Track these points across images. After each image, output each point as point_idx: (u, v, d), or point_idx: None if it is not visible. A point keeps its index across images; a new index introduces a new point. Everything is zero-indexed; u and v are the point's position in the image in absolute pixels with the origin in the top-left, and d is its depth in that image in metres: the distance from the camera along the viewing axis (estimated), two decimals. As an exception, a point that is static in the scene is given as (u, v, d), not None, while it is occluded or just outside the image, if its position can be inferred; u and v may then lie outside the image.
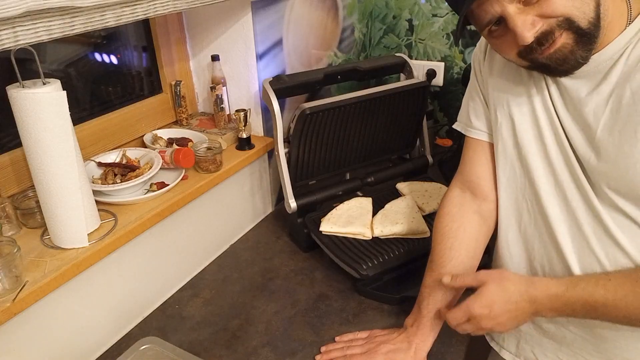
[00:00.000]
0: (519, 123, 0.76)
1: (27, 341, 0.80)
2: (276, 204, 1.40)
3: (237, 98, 1.28)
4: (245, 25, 1.16)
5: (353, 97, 1.15)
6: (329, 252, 1.09)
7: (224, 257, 1.20)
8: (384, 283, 1.05)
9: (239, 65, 1.23)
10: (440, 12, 1.62)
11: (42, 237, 0.87)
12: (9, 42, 0.61)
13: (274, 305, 1.04)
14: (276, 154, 1.15)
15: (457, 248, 0.85)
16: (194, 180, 1.07)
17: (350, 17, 1.58)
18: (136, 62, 1.20)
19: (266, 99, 1.12)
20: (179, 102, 1.25)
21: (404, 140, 1.36)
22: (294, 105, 1.35)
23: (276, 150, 1.14)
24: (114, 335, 0.96)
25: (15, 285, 0.76)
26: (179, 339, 0.96)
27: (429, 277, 0.88)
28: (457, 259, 0.85)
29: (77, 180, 0.81)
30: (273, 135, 1.14)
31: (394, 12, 1.69)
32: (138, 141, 1.18)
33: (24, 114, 0.74)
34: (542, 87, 0.73)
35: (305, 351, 0.92)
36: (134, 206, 0.97)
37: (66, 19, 0.67)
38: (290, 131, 1.14)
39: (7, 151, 0.93)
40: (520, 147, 0.77)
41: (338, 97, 1.15)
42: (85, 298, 0.89)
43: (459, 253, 0.85)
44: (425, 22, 1.65)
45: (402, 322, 0.98)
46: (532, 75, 0.74)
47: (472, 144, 0.88)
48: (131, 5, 0.76)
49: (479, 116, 0.86)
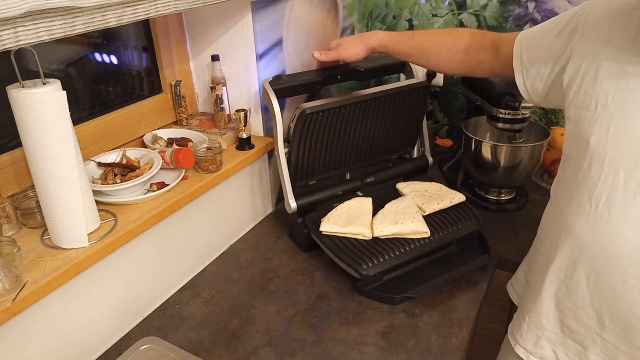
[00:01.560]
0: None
1: (27, 341, 0.80)
2: (276, 204, 1.40)
3: (237, 98, 1.28)
4: (245, 25, 1.16)
5: (353, 97, 1.15)
6: (329, 252, 1.09)
7: (224, 257, 1.20)
8: (384, 283, 1.05)
9: (239, 65, 1.23)
10: (440, 12, 1.62)
11: (42, 237, 0.87)
12: (10, 42, 0.61)
13: (274, 305, 1.04)
14: (276, 154, 1.15)
15: (446, 48, 0.99)
16: (194, 180, 1.07)
17: (350, 17, 1.58)
18: (136, 62, 1.20)
19: (266, 99, 1.12)
20: (179, 102, 1.25)
21: (404, 140, 1.36)
22: (294, 105, 1.35)
23: (276, 150, 1.14)
24: (114, 335, 0.96)
25: (15, 285, 0.76)
26: (179, 339, 0.96)
27: (418, 39, 1.02)
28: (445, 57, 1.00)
29: (77, 180, 0.81)
30: (273, 135, 1.14)
31: (394, 12, 1.69)
32: (138, 141, 1.18)
33: (24, 114, 0.74)
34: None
35: (305, 351, 0.92)
36: (134, 206, 0.97)
37: (67, 19, 0.67)
38: (290, 131, 1.14)
39: (7, 151, 0.93)
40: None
41: (338, 97, 1.15)
42: (85, 298, 0.89)
43: (452, 53, 0.98)
44: (425, 22, 1.65)
45: (401, 322, 0.98)
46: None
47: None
48: (132, 5, 0.76)
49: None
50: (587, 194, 0.73)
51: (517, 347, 0.90)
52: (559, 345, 0.84)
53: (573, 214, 0.76)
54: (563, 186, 0.80)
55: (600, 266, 0.73)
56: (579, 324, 0.79)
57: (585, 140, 0.72)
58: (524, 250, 1.04)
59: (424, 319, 0.99)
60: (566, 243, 0.78)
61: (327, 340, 0.94)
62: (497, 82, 1.29)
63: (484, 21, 1.56)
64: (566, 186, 0.78)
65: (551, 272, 0.81)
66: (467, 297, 1.04)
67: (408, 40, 1.03)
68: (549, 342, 0.85)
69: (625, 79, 0.67)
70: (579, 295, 0.77)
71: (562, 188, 0.81)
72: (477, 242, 1.19)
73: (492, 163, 1.30)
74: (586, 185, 0.73)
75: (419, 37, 1.02)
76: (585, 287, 0.76)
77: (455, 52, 0.98)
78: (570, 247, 0.77)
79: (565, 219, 0.78)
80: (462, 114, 1.72)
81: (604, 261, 0.73)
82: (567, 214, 0.77)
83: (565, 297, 0.80)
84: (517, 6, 1.50)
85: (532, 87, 0.85)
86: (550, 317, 0.83)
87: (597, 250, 0.73)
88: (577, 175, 0.75)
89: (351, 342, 0.94)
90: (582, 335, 0.80)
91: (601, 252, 0.73)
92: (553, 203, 0.85)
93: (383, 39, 1.06)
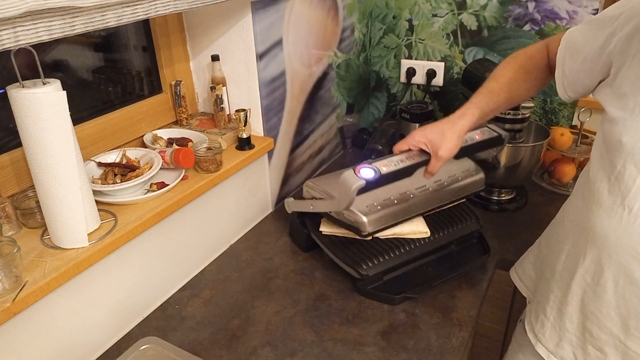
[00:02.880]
0: None
1: (27, 341, 0.80)
2: (276, 204, 1.40)
3: (237, 98, 1.28)
4: (245, 25, 1.16)
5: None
6: (329, 252, 1.09)
7: (224, 257, 1.20)
8: (384, 283, 1.05)
9: (239, 65, 1.23)
10: (440, 12, 1.62)
11: (42, 237, 0.87)
12: (10, 42, 0.61)
13: (274, 305, 1.04)
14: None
15: (523, 81, 0.92)
16: (194, 180, 1.07)
17: (350, 17, 1.58)
18: (136, 62, 1.20)
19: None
20: (179, 102, 1.25)
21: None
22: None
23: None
24: (114, 335, 0.96)
25: (15, 285, 0.76)
26: (179, 339, 0.96)
27: (495, 84, 0.92)
28: (523, 91, 0.93)
29: (77, 180, 0.81)
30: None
31: (394, 12, 1.69)
32: (138, 141, 1.18)
33: (24, 114, 0.74)
34: None
35: (305, 351, 0.92)
36: (134, 206, 0.97)
37: (67, 19, 0.67)
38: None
39: (7, 151, 0.93)
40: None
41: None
42: (85, 298, 0.89)
43: (527, 86, 0.93)
44: (425, 22, 1.65)
45: (401, 322, 0.98)
46: None
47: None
48: (132, 5, 0.76)
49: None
50: (620, 197, 0.71)
51: (539, 345, 0.88)
52: (579, 349, 0.82)
53: (604, 217, 0.74)
54: (590, 187, 0.78)
55: (630, 271, 0.72)
56: (601, 329, 0.78)
57: (618, 141, 0.70)
58: (524, 250, 1.04)
59: (424, 319, 0.99)
60: (595, 246, 0.76)
61: (327, 340, 0.94)
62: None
63: (483, 21, 1.56)
64: (595, 187, 0.76)
65: (579, 274, 0.79)
66: (467, 297, 1.04)
67: (492, 100, 0.91)
68: (570, 345, 0.84)
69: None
70: (604, 300, 0.76)
71: (589, 189, 0.78)
72: (477, 242, 1.19)
73: (492, 163, 1.30)
74: (619, 188, 0.71)
75: (498, 87, 0.91)
76: (613, 292, 0.75)
77: (531, 80, 0.93)
78: (599, 250, 0.75)
79: (593, 222, 0.76)
80: (462, 114, 1.71)
81: (635, 266, 0.71)
82: (595, 216, 0.75)
83: (590, 300, 0.78)
84: (517, 6, 1.50)
85: (575, 94, 0.86)
86: (574, 320, 0.82)
87: (628, 255, 0.71)
88: (608, 178, 0.73)
89: (351, 342, 0.94)
90: (603, 342, 0.78)
91: (632, 257, 0.71)
92: (577, 203, 0.83)
93: (475, 117, 0.90)
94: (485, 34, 1.58)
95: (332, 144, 1.66)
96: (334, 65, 1.55)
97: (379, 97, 1.86)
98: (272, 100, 1.29)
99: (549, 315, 0.87)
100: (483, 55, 1.60)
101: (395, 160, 0.87)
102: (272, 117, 1.30)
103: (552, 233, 0.92)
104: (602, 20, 0.77)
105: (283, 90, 1.32)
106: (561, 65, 0.85)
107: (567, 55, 0.84)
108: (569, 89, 0.86)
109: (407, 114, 1.58)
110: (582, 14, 1.43)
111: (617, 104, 0.72)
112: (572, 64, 0.83)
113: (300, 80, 1.38)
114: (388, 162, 0.86)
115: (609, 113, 0.73)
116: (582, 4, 1.42)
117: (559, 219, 0.91)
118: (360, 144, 1.76)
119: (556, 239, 0.89)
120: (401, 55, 1.74)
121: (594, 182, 0.77)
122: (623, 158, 0.70)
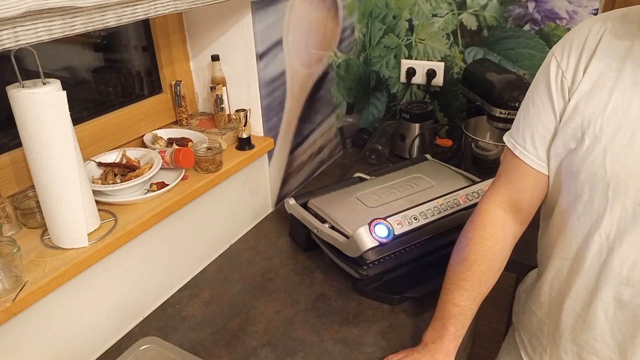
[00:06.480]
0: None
1: (27, 341, 0.80)
2: (276, 204, 1.40)
3: (237, 98, 1.28)
4: (245, 26, 1.16)
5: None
6: (329, 252, 1.09)
7: (224, 257, 1.20)
8: (384, 283, 1.05)
9: (239, 65, 1.23)
10: (440, 12, 1.62)
11: (42, 237, 0.87)
12: (9, 42, 0.61)
13: (274, 305, 1.04)
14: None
15: (495, 270, 0.84)
16: (194, 180, 1.07)
17: (350, 17, 1.58)
18: (136, 62, 1.20)
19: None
20: (179, 102, 1.25)
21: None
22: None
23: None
24: (114, 335, 0.96)
25: (15, 285, 0.76)
26: (179, 339, 0.96)
27: (463, 296, 0.84)
28: (492, 281, 0.85)
29: (77, 180, 0.81)
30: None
31: (394, 12, 1.69)
32: (138, 141, 1.18)
33: (23, 114, 0.74)
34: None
35: (305, 351, 0.92)
36: (134, 206, 0.97)
37: (67, 19, 0.67)
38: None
39: (7, 151, 0.93)
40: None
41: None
42: (85, 298, 0.89)
43: (495, 275, 0.85)
44: (425, 22, 1.65)
45: (401, 322, 0.98)
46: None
47: (523, 168, 0.80)
48: (132, 5, 0.76)
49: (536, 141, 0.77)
50: (594, 226, 0.71)
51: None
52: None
53: (583, 247, 0.74)
54: (560, 219, 0.77)
55: (619, 295, 0.71)
56: (600, 358, 0.77)
57: (576, 174, 0.71)
58: (524, 250, 1.03)
59: (424, 318, 0.99)
60: (579, 276, 0.75)
61: (327, 340, 0.94)
62: (497, 82, 1.29)
63: (483, 21, 1.56)
64: (565, 218, 0.76)
65: (567, 305, 0.78)
66: (467, 297, 1.04)
67: (467, 312, 0.86)
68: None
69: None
70: (597, 329, 0.75)
71: (559, 221, 0.78)
72: (477, 242, 1.18)
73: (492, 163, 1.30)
74: (591, 217, 0.71)
75: (462, 293, 0.85)
76: (604, 319, 0.74)
77: (495, 254, 0.85)
78: (585, 279, 0.75)
79: (574, 252, 0.76)
80: (462, 114, 1.72)
81: (623, 290, 0.70)
82: (574, 246, 0.75)
83: (582, 332, 0.77)
84: (517, 6, 1.50)
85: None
86: (568, 352, 0.81)
87: (614, 280, 0.71)
88: (576, 207, 0.73)
89: (351, 342, 0.94)
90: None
91: (617, 281, 0.71)
92: (551, 235, 0.82)
93: (458, 337, 0.87)
94: (485, 34, 1.58)
95: (332, 144, 1.66)
96: (334, 65, 1.55)
97: (379, 97, 1.86)
98: (272, 100, 1.29)
99: (547, 348, 0.85)
100: (483, 55, 1.60)
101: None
102: (272, 117, 1.30)
103: (539, 267, 0.90)
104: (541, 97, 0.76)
105: (283, 90, 1.32)
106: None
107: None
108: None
109: (407, 114, 1.58)
110: (582, 14, 1.43)
111: (567, 138, 0.72)
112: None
113: (300, 80, 1.38)
114: (402, 220, 0.95)
115: (560, 148, 0.74)
116: (582, 4, 1.42)
117: (539, 254, 0.89)
118: (360, 144, 1.76)
119: (541, 272, 0.87)
120: (401, 55, 1.74)
121: (563, 214, 0.76)
122: (588, 188, 0.70)
